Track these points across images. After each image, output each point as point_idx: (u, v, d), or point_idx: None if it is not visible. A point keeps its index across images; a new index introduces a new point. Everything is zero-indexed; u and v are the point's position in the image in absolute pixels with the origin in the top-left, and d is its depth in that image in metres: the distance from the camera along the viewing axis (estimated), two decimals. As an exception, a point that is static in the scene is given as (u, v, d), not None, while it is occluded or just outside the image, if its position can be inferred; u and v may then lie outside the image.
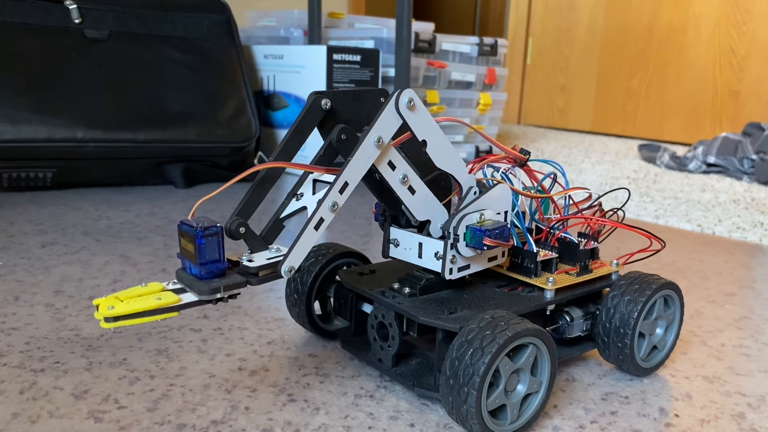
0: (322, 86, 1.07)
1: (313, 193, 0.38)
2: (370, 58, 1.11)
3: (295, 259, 0.34)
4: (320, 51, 1.07)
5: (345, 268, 0.46)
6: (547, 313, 0.42)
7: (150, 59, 1.01)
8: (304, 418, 0.37)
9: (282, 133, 1.15)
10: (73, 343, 0.45)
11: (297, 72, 1.11)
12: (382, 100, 0.39)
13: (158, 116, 0.98)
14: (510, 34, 2.31)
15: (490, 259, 0.41)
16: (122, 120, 0.95)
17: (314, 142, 0.36)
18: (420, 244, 0.40)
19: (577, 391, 0.42)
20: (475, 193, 0.39)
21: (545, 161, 0.49)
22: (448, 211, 0.40)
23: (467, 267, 0.40)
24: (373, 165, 0.36)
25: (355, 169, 0.35)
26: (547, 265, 0.43)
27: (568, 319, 0.43)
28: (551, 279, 0.41)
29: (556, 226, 0.44)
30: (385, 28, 1.21)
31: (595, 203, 0.46)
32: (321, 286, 0.46)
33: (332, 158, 0.37)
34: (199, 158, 1.02)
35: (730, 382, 0.44)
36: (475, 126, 0.88)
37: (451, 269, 0.39)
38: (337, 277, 0.45)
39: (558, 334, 0.43)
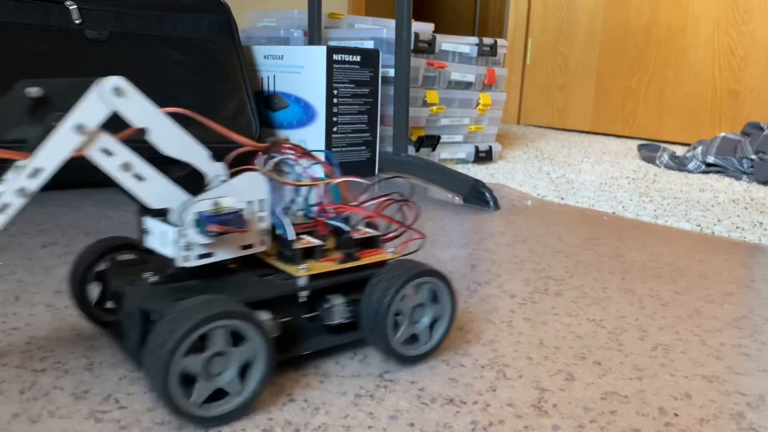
0: (322, 86, 1.07)
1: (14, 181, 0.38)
2: (370, 58, 1.11)
3: None
4: (320, 51, 1.07)
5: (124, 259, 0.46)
6: (303, 299, 0.42)
7: (150, 60, 1.01)
8: (303, 418, 0.37)
9: (282, 133, 1.16)
10: (73, 343, 0.45)
11: (297, 72, 1.11)
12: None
13: (158, 116, 0.98)
14: (509, 34, 2.31)
15: (244, 247, 0.41)
16: (123, 120, 0.95)
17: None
18: (164, 232, 0.40)
19: (576, 390, 0.42)
20: (222, 181, 0.40)
21: (321, 151, 0.49)
22: None
23: (209, 255, 0.40)
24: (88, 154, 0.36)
25: (48, 155, 0.36)
26: (311, 253, 0.43)
27: (325, 305, 0.43)
28: (303, 266, 0.41)
29: (323, 214, 0.44)
30: (385, 28, 1.21)
31: (393, 194, 0.47)
32: (99, 277, 0.46)
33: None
34: (199, 158, 1.02)
35: (730, 381, 0.44)
36: (475, 126, 0.88)
37: (186, 256, 0.39)
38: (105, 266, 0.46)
39: (318, 321, 0.43)
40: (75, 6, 0.98)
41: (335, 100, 1.08)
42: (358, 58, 1.10)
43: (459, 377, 0.42)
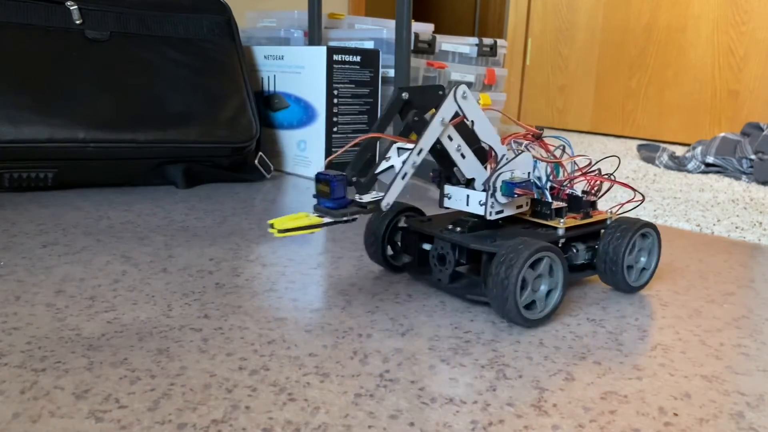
0: (322, 87, 1.07)
1: (398, 156, 0.52)
2: (370, 58, 1.11)
3: (391, 198, 0.50)
4: (320, 52, 1.07)
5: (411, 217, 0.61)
6: (559, 245, 0.56)
7: (151, 60, 1.01)
8: (304, 418, 0.37)
9: (282, 133, 1.16)
10: (74, 342, 0.45)
11: (297, 72, 1.11)
12: (440, 93, 0.55)
13: (159, 117, 0.98)
14: (509, 34, 2.31)
15: (518, 207, 0.56)
16: (123, 120, 0.95)
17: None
18: (468, 196, 0.55)
19: (576, 390, 0.42)
20: (507, 159, 0.54)
21: (555, 137, 0.63)
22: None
23: (501, 212, 0.54)
24: (438, 138, 0.51)
25: (427, 140, 0.51)
26: (559, 213, 0.57)
27: (575, 250, 0.58)
28: (562, 221, 0.56)
29: (565, 184, 0.59)
30: (385, 28, 1.21)
31: (595, 169, 0.60)
32: (392, 232, 0.61)
33: (408, 133, 0.52)
34: (199, 158, 1.02)
35: (729, 381, 0.44)
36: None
37: (490, 212, 0.53)
38: (404, 224, 0.60)
39: (568, 261, 0.56)
40: (76, 6, 0.98)
41: (335, 101, 1.08)
42: (358, 59, 1.10)
43: (459, 377, 0.43)
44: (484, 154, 0.55)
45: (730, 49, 1.79)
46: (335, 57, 1.07)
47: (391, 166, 0.52)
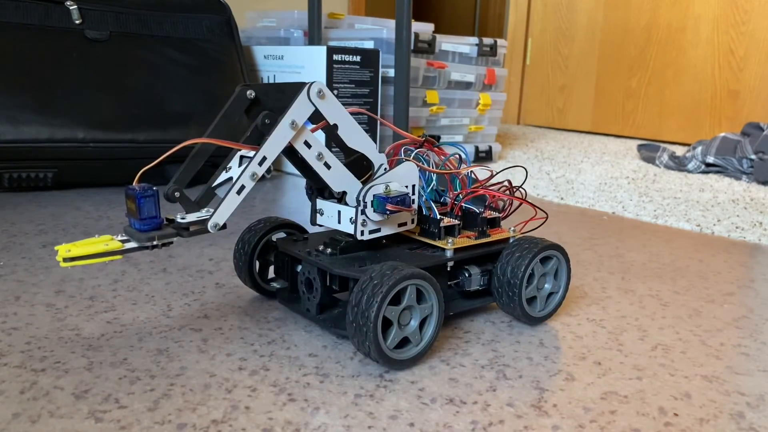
0: (321, 86, 1.07)
1: (239, 166, 0.45)
2: (369, 58, 1.11)
3: (221, 217, 0.42)
4: (320, 51, 1.07)
5: (284, 236, 0.54)
6: (448, 269, 0.49)
7: (150, 60, 1.01)
8: (304, 418, 0.37)
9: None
10: (73, 342, 0.45)
11: (297, 72, 1.11)
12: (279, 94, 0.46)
13: (159, 117, 0.98)
14: (509, 34, 2.31)
15: (400, 225, 0.49)
16: (123, 120, 0.95)
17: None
18: (339, 212, 0.47)
19: (576, 390, 0.42)
20: (385, 169, 0.48)
21: (452, 144, 0.58)
22: None
23: (378, 230, 0.47)
24: (291, 144, 0.44)
25: (272, 146, 0.43)
26: (451, 231, 0.50)
27: (466, 274, 0.50)
28: (450, 240, 0.49)
29: (459, 198, 0.52)
30: (385, 28, 1.21)
31: (504, 181, 0.54)
32: (262, 252, 0.53)
33: (258, 139, 0.44)
34: (199, 158, 1.02)
35: (729, 381, 0.44)
36: (475, 126, 0.88)
37: (362, 231, 0.46)
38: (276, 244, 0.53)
39: (459, 287, 0.51)
40: (75, 6, 0.98)
41: (335, 100, 1.08)
42: (358, 58, 1.10)
43: (459, 377, 0.42)
44: (367, 165, 0.49)
45: (730, 49, 1.79)
46: (335, 57, 1.07)
47: (230, 179, 0.45)
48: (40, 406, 0.37)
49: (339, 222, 0.47)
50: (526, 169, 0.65)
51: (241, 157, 0.45)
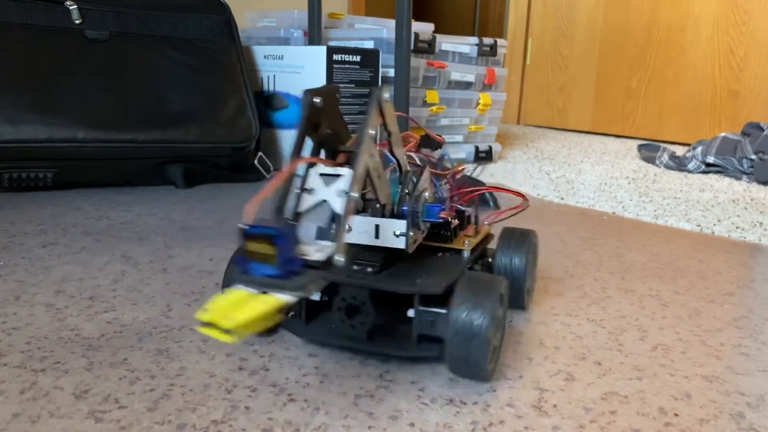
0: (321, 86, 1.07)
1: (326, 186, 0.40)
2: (370, 58, 1.11)
3: (342, 250, 0.36)
4: (320, 51, 1.07)
5: None
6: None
7: (150, 60, 1.01)
8: (304, 418, 0.37)
9: (282, 134, 1.15)
10: (73, 343, 0.45)
11: (297, 72, 1.11)
12: (338, 95, 0.43)
13: (159, 117, 0.98)
14: (509, 34, 2.31)
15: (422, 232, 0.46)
16: (123, 120, 0.95)
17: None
18: (377, 226, 0.42)
19: (576, 390, 0.42)
20: (412, 177, 0.44)
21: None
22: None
23: (416, 240, 0.45)
24: None
25: (363, 162, 0.38)
26: (455, 232, 0.50)
27: (475, 268, 0.51)
28: (467, 242, 0.48)
29: (455, 198, 0.52)
30: (385, 28, 1.21)
31: (459, 172, 0.53)
32: None
33: (319, 151, 0.41)
34: (199, 158, 1.02)
35: (730, 381, 0.44)
36: (475, 126, 0.88)
37: (409, 245, 0.43)
38: None
39: None
40: (75, 6, 0.98)
41: (335, 100, 1.08)
42: (358, 58, 1.10)
43: (459, 377, 0.42)
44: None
45: (730, 49, 1.79)
46: (335, 57, 1.07)
47: (323, 201, 0.39)
48: (40, 406, 0.37)
49: (377, 237, 0.42)
50: (483, 165, 0.64)
51: (321, 174, 0.40)
